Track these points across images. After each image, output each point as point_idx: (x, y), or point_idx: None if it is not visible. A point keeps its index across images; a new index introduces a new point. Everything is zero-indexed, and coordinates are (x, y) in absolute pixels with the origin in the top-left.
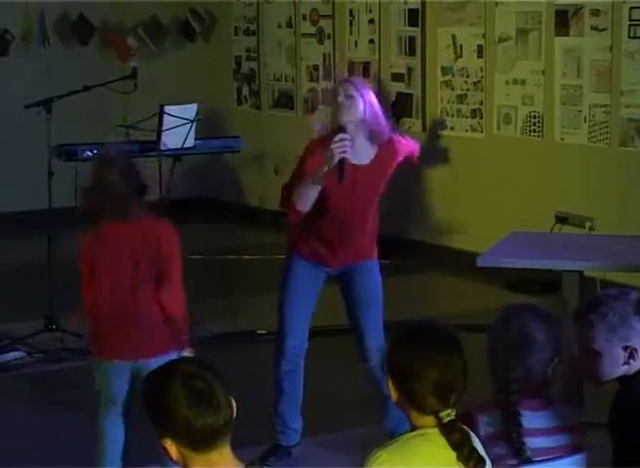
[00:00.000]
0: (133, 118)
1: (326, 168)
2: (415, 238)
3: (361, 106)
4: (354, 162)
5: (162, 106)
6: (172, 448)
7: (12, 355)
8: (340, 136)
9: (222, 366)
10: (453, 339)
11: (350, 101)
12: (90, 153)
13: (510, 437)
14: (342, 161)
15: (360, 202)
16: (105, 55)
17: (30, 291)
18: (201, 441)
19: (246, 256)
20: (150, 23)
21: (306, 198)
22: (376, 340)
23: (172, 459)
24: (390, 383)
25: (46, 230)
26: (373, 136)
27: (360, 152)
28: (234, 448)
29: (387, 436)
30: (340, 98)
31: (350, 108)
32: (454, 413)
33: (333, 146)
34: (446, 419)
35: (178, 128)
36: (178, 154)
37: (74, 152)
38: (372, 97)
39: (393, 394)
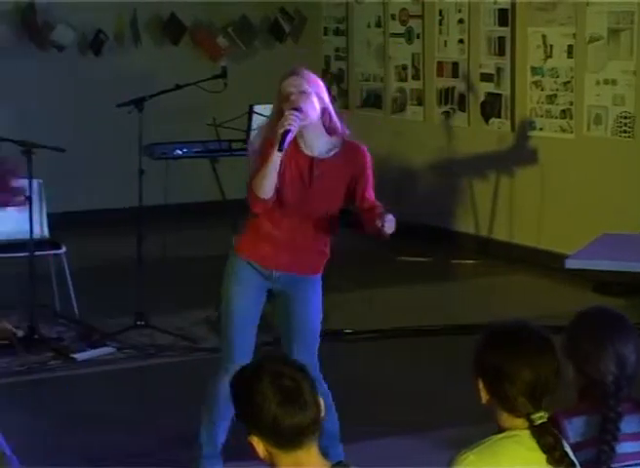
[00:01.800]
0: (222, 117)
1: (277, 144)
2: (502, 239)
3: (316, 103)
4: (309, 153)
5: (251, 106)
6: (259, 445)
7: (102, 350)
8: (292, 111)
9: None
10: (546, 340)
11: (304, 96)
12: (180, 152)
13: (602, 446)
14: (286, 133)
15: (315, 200)
16: (196, 54)
17: (120, 287)
18: (288, 439)
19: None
20: (240, 23)
21: (264, 180)
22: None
23: (259, 457)
24: (480, 384)
25: (136, 227)
26: (330, 129)
27: (317, 145)
28: None
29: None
30: (294, 96)
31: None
32: (546, 416)
33: (282, 119)
34: (538, 422)
35: None
36: None
37: (165, 151)
38: (323, 92)
39: (483, 395)
